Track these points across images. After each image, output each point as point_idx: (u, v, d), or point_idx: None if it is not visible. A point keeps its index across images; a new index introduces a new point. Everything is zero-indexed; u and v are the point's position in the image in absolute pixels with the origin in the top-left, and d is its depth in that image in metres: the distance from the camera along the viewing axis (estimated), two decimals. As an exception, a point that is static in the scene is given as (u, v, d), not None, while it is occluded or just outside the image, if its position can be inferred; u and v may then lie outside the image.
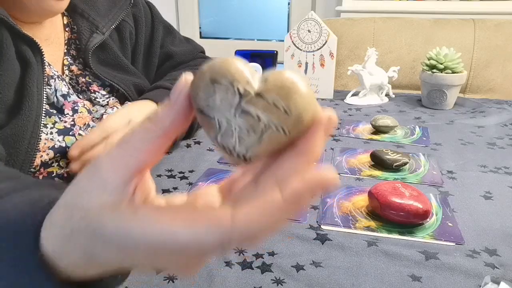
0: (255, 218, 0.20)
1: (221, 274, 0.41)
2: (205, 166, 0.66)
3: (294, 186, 0.21)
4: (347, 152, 0.72)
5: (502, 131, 0.85)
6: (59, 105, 0.64)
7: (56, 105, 0.63)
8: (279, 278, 0.41)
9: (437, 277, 0.41)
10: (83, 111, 0.66)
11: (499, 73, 1.34)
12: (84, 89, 0.70)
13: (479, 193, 0.59)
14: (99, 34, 0.70)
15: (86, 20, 0.70)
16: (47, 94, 0.62)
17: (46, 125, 0.60)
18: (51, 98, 0.63)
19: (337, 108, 1.01)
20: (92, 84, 0.70)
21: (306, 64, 1.08)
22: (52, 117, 0.61)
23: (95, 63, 0.71)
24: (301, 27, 1.06)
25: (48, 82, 0.62)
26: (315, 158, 0.22)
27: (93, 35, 0.70)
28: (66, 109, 0.64)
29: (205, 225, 0.20)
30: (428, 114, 0.97)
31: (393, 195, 0.50)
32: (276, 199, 0.20)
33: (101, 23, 0.71)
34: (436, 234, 0.48)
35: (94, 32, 0.70)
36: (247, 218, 0.20)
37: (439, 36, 1.37)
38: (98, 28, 0.70)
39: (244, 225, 0.20)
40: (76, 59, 0.70)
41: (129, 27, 0.79)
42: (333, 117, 0.22)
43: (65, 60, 0.69)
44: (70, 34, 0.71)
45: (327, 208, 0.54)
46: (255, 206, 0.20)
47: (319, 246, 0.46)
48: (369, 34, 1.42)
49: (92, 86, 0.70)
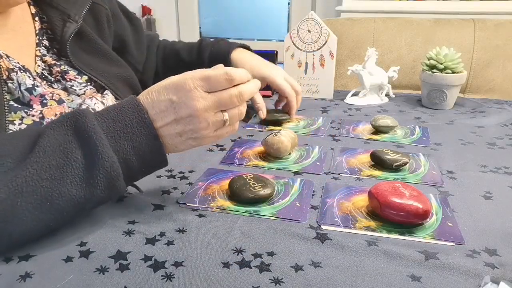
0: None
1: (218, 274, 0.41)
2: (205, 166, 0.66)
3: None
4: (347, 152, 0.72)
5: (502, 131, 0.85)
6: (26, 100, 0.61)
7: (22, 100, 0.61)
8: (277, 278, 0.41)
9: (437, 277, 0.41)
10: (52, 103, 0.63)
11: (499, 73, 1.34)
12: (59, 78, 0.68)
13: (479, 193, 0.59)
14: (72, 22, 0.68)
15: (55, 10, 0.68)
16: (9, 89, 0.60)
17: (13, 121, 0.58)
18: (16, 93, 0.60)
19: (337, 108, 1.01)
20: (68, 73, 0.68)
21: (306, 64, 1.08)
22: (18, 112, 0.59)
23: (74, 54, 0.68)
24: (301, 27, 1.06)
25: (9, 76, 0.59)
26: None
27: (67, 24, 0.68)
28: (34, 104, 0.62)
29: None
30: (428, 114, 0.97)
31: (393, 195, 0.50)
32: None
33: (72, 10, 0.69)
34: (436, 234, 0.48)
35: (66, 22, 0.68)
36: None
37: (439, 36, 1.37)
38: (70, 17, 0.68)
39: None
40: (49, 49, 0.68)
41: (104, 10, 0.77)
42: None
43: (37, 51, 0.67)
44: (41, 24, 0.68)
45: (327, 208, 0.54)
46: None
47: (318, 246, 0.46)
48: (369, 34, 1.42)
49: (68, 74, 0.68)
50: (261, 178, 0.57)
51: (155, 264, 0.43)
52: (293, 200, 0.56)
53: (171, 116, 0.49)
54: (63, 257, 0.44)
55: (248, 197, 0.54)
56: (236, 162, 0.68)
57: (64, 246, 0.45)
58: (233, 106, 0.51)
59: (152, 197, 0.56)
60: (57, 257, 0.44)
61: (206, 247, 0.46)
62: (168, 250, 0.45)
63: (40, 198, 0.42)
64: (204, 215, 0.52)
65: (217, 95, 0.50)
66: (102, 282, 0.40)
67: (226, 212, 0.53)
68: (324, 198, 0.56)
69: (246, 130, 0.84)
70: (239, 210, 0.53)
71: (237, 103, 0.51)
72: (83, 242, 0.46)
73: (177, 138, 0.50)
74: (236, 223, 0.50)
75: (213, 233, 0.48)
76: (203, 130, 0.50)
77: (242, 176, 0.57)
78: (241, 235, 0.48)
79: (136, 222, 0.50)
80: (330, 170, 0.66)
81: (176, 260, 0.43)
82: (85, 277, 0.41)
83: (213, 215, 0.52)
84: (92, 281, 0.40)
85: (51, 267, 0.42)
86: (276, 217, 0.52)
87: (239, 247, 0.46)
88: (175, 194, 0.57)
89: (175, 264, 0.43)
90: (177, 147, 0.51)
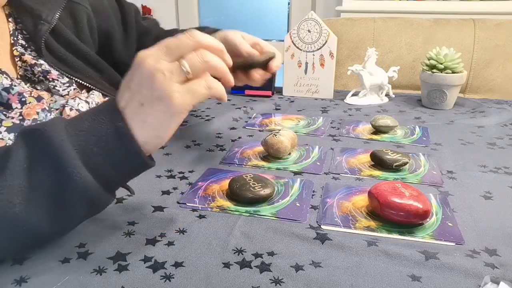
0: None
1: (219, 273, 0.41)
2: (204, 166, 0.66)
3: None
4: (347, 152, 0.72)
5: (502, 131, 0.85)
6: (4, 100, 0.60)
7: (0, 101, 0.60)
8: (277, 278, 0.41)
9: (437, 277, 0.41)
10: (31, 100, 0.62)
11: (499, 73, 1.34)
12: (42, 78, 0.67)
13: (479, 193, 0.59)
14: (44, 23, 0.67)
15: (26, 11, 0.67)
16: None
17: None
18: None
19: (337, 108, 1.01)
20: (50, 73, 0.67)
21: (306, 64, 1.08)
22: None
23: (51, 54, 0.67)
24: (301, 27, 1.06)
25: None
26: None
27: (38, 26, 0.66)
28: (13, 103, 0.60)
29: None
30: (428, 114, 0.97)
31: (393, 195, 0.50)
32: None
33: (43, 11, 0.68)
34: (436, 234, 0.48)
35: (38, 24, 0.67)
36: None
37: (439, 36, 1.37)
38: (41, 18, 0.67)
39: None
40: (27, 48, 0.67)
41: (84, 9, 0.76)
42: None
43: (15, 50, 0.66)
44: (15, 25, 0.68)
45: (327, 208, 0.54)
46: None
47: (318, 246, 0.46)
48: (369, 34, 1.42)
49: (50, 74, 0.67)
50: (261, 178, 0.57)
51: (155, 265, 0.43)
52: (293, 200, 0.56)
53: (126, 90, 0.43)
54: (60, 258, 0.43)
55: (248, 197, 0.54)
56: (236, 162, 0.68)
57: (62, 247, 0.45)
58: (185, 48, 0.43)
59: (152, 198, 0.56)
60: (54, 258, 0.43)
61: (206, 247, 0.46)
62: (168, 250, 0.45)
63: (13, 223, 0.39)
64: (204, 215, 0.52)
65: (162, 42, 0.43)
66: (99, 283, 0.40)
67: (226, 212, 0.53)
68: (324, 198, 0.56)
69: (246, 130, 0.84)
70: (239, 210, 0.53)
71: (188, 41, 0.43)
72: (82, 243, 0.46)
73: (141, 109, 0.42)
74: (236, 223, 0.50)
75: (213, 233, 0.48)
76: (161, 83, 0.41)
77: (242, 176, 0.57)
78: (241, 235, 0.48)
79: (136, 223, 0.50)
80: (330, 170, 0.66)
81: (176, 261, 0.43)
82: (81, 278, 0.40)
83: (213, 215, 0.52)
84: (88, 282, 0.40)
85: (48, 269, 0.42)
86: (276, 217, 0.52)
87: (239, 247, 0.46)
88: (175, 194, 0.57)
89: (175, 264, 0.43)
90: (146, 121, 0.42)
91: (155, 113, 0.42)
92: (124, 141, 0.42)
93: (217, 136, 0.80)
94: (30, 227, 0.40)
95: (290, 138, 0.69)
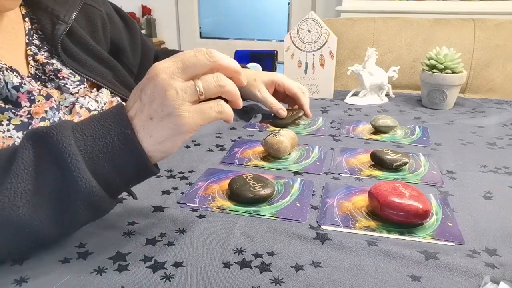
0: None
1: (219, 273, 0.41)
2: (204, 167, 0.66)
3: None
4: (347, 152, 0.72)
5: (502, 131, 0.85)
6: (13, 98, 0.60)
7: (10, 99, 0.60)
8: (277, 278, 0.41)
9: (437, 277, 0.41)
10: (40, 99, 0.62)
11: (499, 73, 1.34)
12: (52, 77, 0.67)
13: (479, 193, 0.59)
14: (62, 24, 0.68)
15: (44, 11, 0.68)
16: None
17: (0, 122, 0.57)
18: (3, 92, 0.59)
19: (337, 108, 1.01)
20: (61, 71, 0.68)
21: (306, 64, 1.08)
22: (5, 113, 0.58)
23: (66, 53, 0.68)
24: (301, 27, 1.06)
25: None
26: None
27: (56, 26, 0.67)
28: (22, 102, 0.61)
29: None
30: (428, 114, 0.97)
31: (393, 195, 0.50)
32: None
33: (61, 12, 0.69)
34: (436, 234, 0.48)
35: (56, 23, 0.67)
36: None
37: (439, 36, 1.37)
38: (59, 18, 0.68)
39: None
40: (40, 48, 0.68)
41: (98, 12, 0.77)
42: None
43: (29, 50, 0.67)
44: (31, 25, 0.68)
45: (327, 208, 0.54)
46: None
47: (318, 246, 0.46)
48: (369, 34, 1.42)
49: (61, 72, 0.68)
50: (261, 178, 0.57)
51: (155, 265, 0.43)
52: (293, 200, 0.56)
53: (137, 100, 0.43)
54: (60, 258, 0.43)
55: (248, 197, 0.54)
56: (236, 162, 0.68)
57: (62, 247, 0.45)
58: (202, 68, 0.43)
59: (152, 198, 0.56)
60: (54, 258, 0.43)
61: (206, 247, 0.46)
62: (168, 250, 0.45)
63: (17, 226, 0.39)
64: (204, 215, 0.52)
65: (179, 56, 0.43)
66: (99, 283, 0.40)
67: (226, 212, 0.53)
68: (324, 198, 0.56)
69: (246, 130, 0.84)
70: (239, 210, 0.53)
71: (205, 61, 0.42)
72: (82, 243, 0.46)
73: (149, 122, 0.42)
74: (236, 223, 0.50)
75: (213, 233, 0.48)
76: (173, 100, 0.41)
77: (242, 176, 0.57)
78: (241, 235, 0.48)
79: (136, 223, 0.50)
80: (330, 170, 0.66)
81: (176, 261, 0.43)
82: (81, 278, 0.41)
83: (213, 215, 0.52)
84: (88, 282, 0.40)
85: (48, 269, 0.42)
86: (276, 217, 0.52)
87: (239, 247, 0.46)
88: (175, 194, 0.57)
89: (175, 264, 0.43)
90: (153, 135, 0.42)
91: (162, 129, 0.42)
92: (131, 148, 0.42)
93: (217, 136, 0.81)
94: (33, 230, 0.40)
95: (290, 138, 0.69)
